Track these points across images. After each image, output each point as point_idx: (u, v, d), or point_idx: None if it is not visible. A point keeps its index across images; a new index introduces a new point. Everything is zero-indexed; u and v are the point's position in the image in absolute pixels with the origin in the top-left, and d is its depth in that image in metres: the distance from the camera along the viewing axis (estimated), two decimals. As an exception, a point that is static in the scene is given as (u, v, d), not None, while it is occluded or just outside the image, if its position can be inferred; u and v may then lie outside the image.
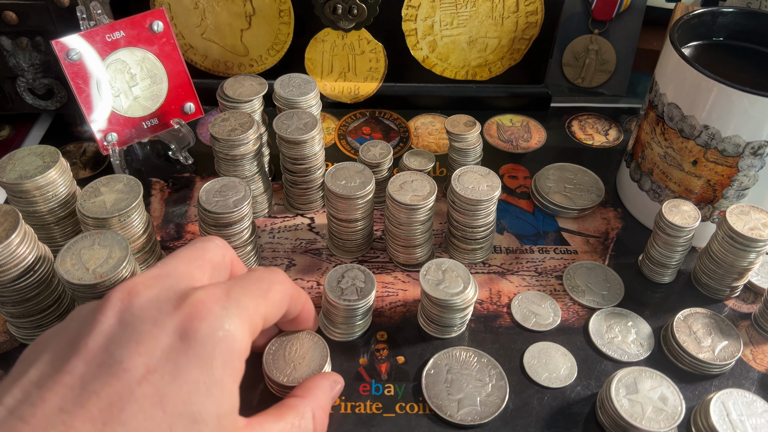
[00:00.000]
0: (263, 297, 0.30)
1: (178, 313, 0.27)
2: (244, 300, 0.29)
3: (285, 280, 0.33)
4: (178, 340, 0.26)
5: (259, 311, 0.30)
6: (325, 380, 0.35)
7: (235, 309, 0.28)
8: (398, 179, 0.44)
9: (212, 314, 0.27)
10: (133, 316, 0.26)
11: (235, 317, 0.28)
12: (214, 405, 0.26)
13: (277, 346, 0.38)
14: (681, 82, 0.44)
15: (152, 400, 0.24)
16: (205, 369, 0.26)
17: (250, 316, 0.29)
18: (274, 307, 0.31)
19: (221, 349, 0.27)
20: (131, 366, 0.25)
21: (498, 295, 0.45)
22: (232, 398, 0.27)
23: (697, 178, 0.45)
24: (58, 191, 0.41)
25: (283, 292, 0.32)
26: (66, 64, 0.46)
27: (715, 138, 0.43)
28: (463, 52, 0.60)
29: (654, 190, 0.48)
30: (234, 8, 0.56)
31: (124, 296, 0.27)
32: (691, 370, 0.41)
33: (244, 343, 0.28)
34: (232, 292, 0.29)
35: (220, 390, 0.26)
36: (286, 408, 0.31)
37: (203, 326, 0.26)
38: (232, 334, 0.27)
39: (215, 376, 0.26)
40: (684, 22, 0.47)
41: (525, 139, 0.60)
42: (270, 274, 0.32)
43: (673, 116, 0.45)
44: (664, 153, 0.46)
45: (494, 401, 0.38)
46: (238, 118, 0.46)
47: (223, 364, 0.27)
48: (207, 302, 0.27)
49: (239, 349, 0.28)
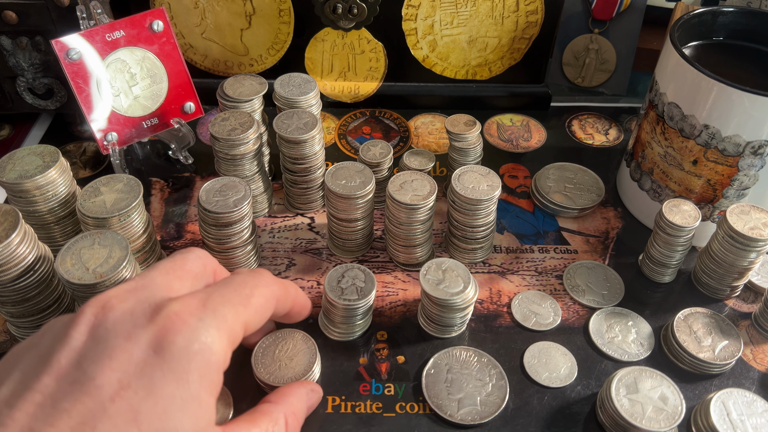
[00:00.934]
0: (244, 304, 0.29)
1: (152, 326, 0.26)
2: (222, 309, 0.28)
3: (269, 283, 0.32)
4: (152, 354, 0.25)
5: (239, 319, 0.29)
6: (302, 388, 0.35)
7: (212, 320, 0.27)
8: (398, 179, 0.44)
9: (187, 326, 0.26)
10: (106, 330, 0.26)
11: (212, 328, 0.27)
12: (190, 420, 0.25)
13: (269, 343, 0.38)
14: (681, 82, 0.44)
15: (126, 417, 0.24)
16: (181, 383, 0.25)
17: (229, 326, 0.28)
18: (257, 312, 0.30)
19: (197, 363, 0.26)
20: (104, 382, 0.24)
21: (498, 294, 0.45)
22: (208, 412, 0.27)
23: (698, 177, 0.45)
24: (58, 191, 0.41)
25: (267, 295, 0.31)
26: (66, 64, 0.46)
27: (715, 137, 0.43)
28: (463, 51, 0.60)
29: (654, 189, 0.48)
30: (234, 8, 0.56)
31: (97, 311, 0.27)
32: (691, 370, 0.41)
33: (221, 355, 0.27)
34: (210, 302, 0.28)
35: (197, 404, 0.26)
36: (260, 414, 0.31)
37: (178, 339, 0.26)
38: (209, 346, 0.26)
39: (191, 390, 0.25)
40: (684, 22, 0.47)
41: (525, 139, 0.60)
42: (253, 278, 0.31)
43: (673, 116, 0.45)
44: (664, 152, 0.46)
45: (494, 401, 0.38)
46: (238, 118, 0.46)
47: (199, 378, 0.26)
48: (182, 314, 0.27)
49: (216, 361, 0.27)
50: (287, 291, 0.34)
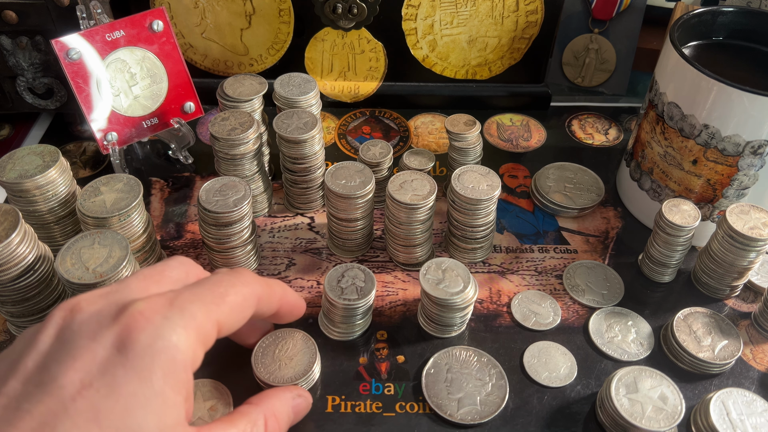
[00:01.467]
0: (217, 302, 0.29)
1: (116, 326, 0.26)
2: (191, 307, 0.28)
3: (249, 282, 0.31)
4: (115, 352, 0.25)
5: (211, 318, 0.28)
6: (287, 392, 0.34)
7: (179, 318, 0.27)
8: (398, 178, 0.44)
9: (152, 324, 0.26)
10: (72, 332, 0.26)
11: (178, 326, 0.27)
12: (154, 418, 0.25)
13: (269, 343, 0.39)
14: (681, 82, 0.44)
15: (87, 416, 0.24)
16: (144, 381, 0.25)
17: (198, 324, 0.27)
18: (233, 311, 0.30)
19: (161, 360, 0.26)
20: (66, 382, 0.24)
21: (498, 294, 0.45)
22: (176, 411, 0.26)
23: (697, 177, 0.45)
24: (58, 190, 0.41)
25: (245, 294, 0.30)
26: (66, 64, 0.46)
27: (715, 137, 0.43)
28: (463, 51, 0.60)
29: (654, 189, 0.48)
30: (234, 7, 0.56)
31: (65, 314, 0.27)
32: (691, 370, 0.41)
33: (188, 353, 0.27)
34: (178, 301, 0.28)
35: (161, 402, 0.25)
36: (239, 415, 0.31)
37: (141, 337, 0.26)
38: (174, 344, 0.26)
39: (155, 388, 0.25)
40: (684, 22, 0.47)
41: (525, 139, 0.60)
42: (230, 277, 0.30)
43: (673, 115, 0.45)
44: (664, 152, 0.46)
45: (494, 400, 0.38)
46: (238, 118, 0.46)
47: (163, 376, 0.25)
48: (146, 312, 0.26)
49: (183, 359, 0.26)
50: (271, 290, 0.33)
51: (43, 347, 0.26)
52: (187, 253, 0.47)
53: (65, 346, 0.25)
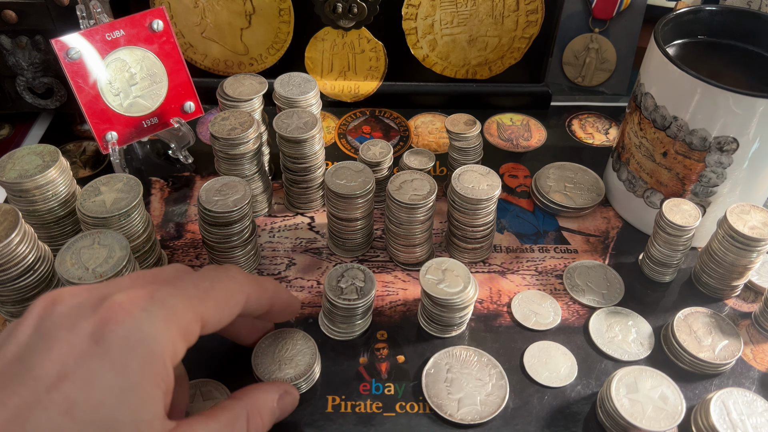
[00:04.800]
0: (200, 297, 0.28)
1: (95, 317, 0.26)
2: (172, 301, 0.27)
3: (236, 278, 0.31)
4: (92, 344, 0.25)
5: (193, 312, 0.28)
6: (272, 387, 0.34)
7: (159, 310, 0.27)
8: (398, 178, 0.44)
9: (130, 316, 0.26)
10: (51, 323, 0.26)
11: (158, 319, 0.26)
12: (129, 411, 0.25)
13: (269, 343, 0.39)
14: (655, 72, 0.44)
15: (61, 408, 0.23)
16: (120, 374, 0.25)
17: (179, 318, 0.27)
18: (218, 306, 0.29)
19: (138, 353, 0.25)
20: (42, 374, 0.24)
21: (498, 294, 0.45)
22: (152, 403, 0.26)
23: (667, 170, 0.45)
24: (58, 190, 0.41)
25: (231, 290, 0.30)
26: (66, 63, 0.46)
27: (683, 130, 0.43)
28: (464, 50, 0.60)
29: (629, 180, 0.49)
30: (234, 7, 0.56)
31: (46, 304, 0.27)
32: (691, 370, 0.41)
33: (167, 346, 0.26)
34: (159, 293, 0.27)
35: (137, 395, 0.25)
36: (221, 409, 0.30)
37: (118, 329, 0.25)
38: (152, 336, 0.26)
39: (131, 380, 0.25)
40: (669, 20, 0.47)
41: (525, 138, 0.60)
42: (217, 272, 0.30)
43: (647, 106, 0.45)
44: (639, 143, 0.47)
45: (494, 400, 0.38)
46: (238, 117, 0.46)
47: (140, 369, 0.25)
48: (125, 304, 0.26)
49: (161, 352, 0.26)
50: (261, 287, 0.33)
51: (22, 338, 0.26)
52: (187, 253, 0.47)
53: (43, 337, 0.25)
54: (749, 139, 0.41)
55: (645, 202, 0.49)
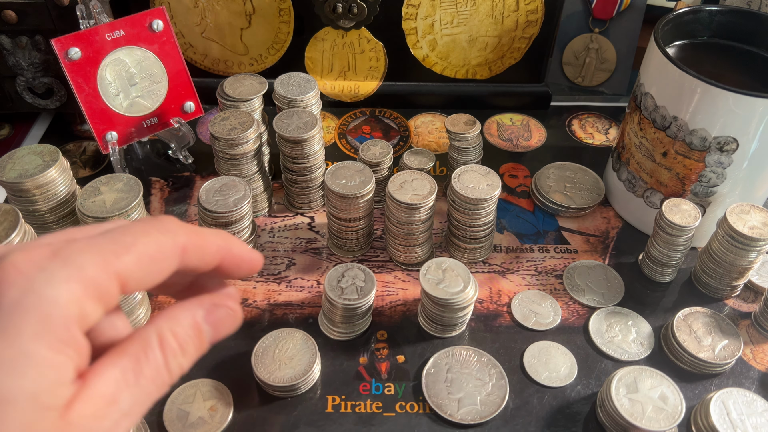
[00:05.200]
0: (118, 253, 0.25)
1: None
2: (80, 258, 0.24)
3: (170, 229, 0.27)
4: None
5: (108, 269, 0.25)
6: (196, 302, 0.28)
7: (62, 270, 0.24)
8: (398, 178, 0.44)
9: (23, 277, 0.23)
10: None
11: (60, 280, 0.24)
12: (22, 381, 0.22)
13: (269, 343, 0.39)
14: (655, 71, 0.44)
15: None
16: (10, 341, 0.22)
17: (88, 276, 0.24)
18: (142, 262, 0.25)
19: (32, 317, 0.23)
20: None
21: (498, 294, 0.45)
22: (53, 370, 0.23)
23: (667, 170, 0.45)
24: (58, 190, 0.41)
25: (162, 243, 0.26)
26: (66, 63, 0.46)
27: (682, 129, 0.43)
28: (463, 50, 0.60)
29: (629, 180, 0.49)
30: (234, 7, 0.56)
31: None
32: (691, 370, 0.41)
33: (71, 308, 0.24)
34: (64, 251, 0.24)
35: (31, 363, 0.23)
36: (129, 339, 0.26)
37: (10, 292, 0.23)
38: (51, 298, 0.23)
39: (23, 347, 0.22)
40: (668, 20, 0.47)
41: (525, 138, 0.60)
42: (144, 225, 0.26)
43: (647, 106, 0.45)
44: (639, 143, 0.47)
45: (494, 400, 0.38)
46: (238, 117, 0.46)
47: (35, 334, 0.23)
48: (20, 264, 0.24)
49: (63, 315, 0.23)
50: (203, 239, 0.28)
51: None
52: (187, 252, 0.47)
53: None
54: (749, 139, 0.41)
55: (645, 202, 0.49)
